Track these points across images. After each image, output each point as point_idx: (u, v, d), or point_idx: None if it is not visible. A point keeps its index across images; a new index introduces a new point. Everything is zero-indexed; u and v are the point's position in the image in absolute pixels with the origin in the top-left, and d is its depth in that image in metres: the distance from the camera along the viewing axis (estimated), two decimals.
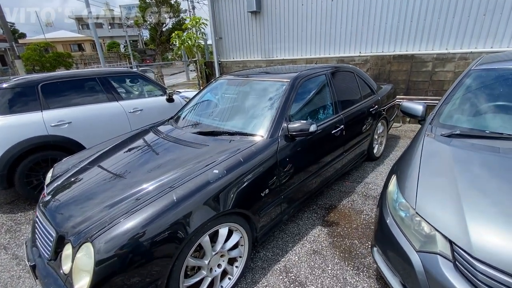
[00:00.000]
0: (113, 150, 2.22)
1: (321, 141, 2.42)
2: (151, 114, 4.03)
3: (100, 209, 1.47)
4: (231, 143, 1.96)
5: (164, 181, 1.57)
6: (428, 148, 1.72)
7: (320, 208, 2.68)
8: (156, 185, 1.56)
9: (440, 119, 1.98)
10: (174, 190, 1.48)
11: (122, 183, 1.69)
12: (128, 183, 1.66)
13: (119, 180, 1.75)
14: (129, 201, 1.46)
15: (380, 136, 3.75)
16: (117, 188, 1.64)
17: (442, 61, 5.47)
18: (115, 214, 1.40)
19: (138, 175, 1.74)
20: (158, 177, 1.64)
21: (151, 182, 1.60)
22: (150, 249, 1.31)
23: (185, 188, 1.49)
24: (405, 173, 1.63)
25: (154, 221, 1.34)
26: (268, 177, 1.88)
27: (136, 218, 1.33)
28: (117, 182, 1.71)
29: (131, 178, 1.73)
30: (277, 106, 2.15)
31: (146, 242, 1.30)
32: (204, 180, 1.55)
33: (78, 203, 1.62)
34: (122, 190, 1.58)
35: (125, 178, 1.75)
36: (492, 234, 1.13)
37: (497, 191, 1.28)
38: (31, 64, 15.12)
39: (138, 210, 1.37)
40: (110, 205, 1.49)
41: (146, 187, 1.56)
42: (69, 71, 3.67)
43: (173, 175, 1.62)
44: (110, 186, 1.69)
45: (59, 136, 3.21)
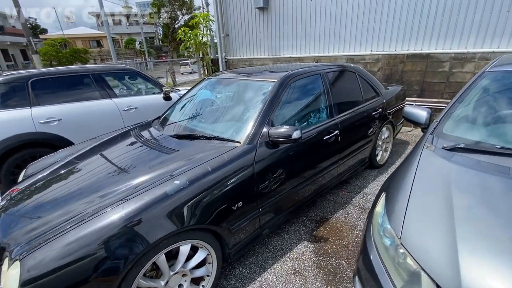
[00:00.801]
0: (84, 154, 2.09)
1: (311, 148, 2.19)
2: (146, 112, 3.91)
3: (45, 222, 1.34)
4: (204, 149, 1.78)
5: (118, 192, 1.42)
6: (425, 163, 1.47)
7: (310, 220, 2.45)
8: (108, 197, 1.41)
9: (444, 128, 1.71)
10: (124, 204, 1.32)
11: (78, 194, 1.54)
12: (85, 194, 1.52)
13: (77, 190, 1.60)
14: (75, 215, 1.32)
15: (385, 142, 3.46)
16: (71, 200, 1.50)
17: (461, 61, 5.04)
18: (56, 229, 1.26)
19: (97, 185, 1.59)
20: (114, 187, 1.49)
21: (104, 193, 1.45)
22: (88, 270, 1.16)
23: (138, 201, 1.33)
24: (395, 193, 1.40)
25: (95, 238, 1.19)
26: (242, 188, 1.69)
27: (74, 236, 1.19)
28: (74, 193, 1.57)
29: (89, 188, 1.58)
30: (259, 109, 1.95)
31: (84, 262, 1.15)
32: (162, 192, 1.38)
33: (31, 211, 1.50)
34: (74, 202, 1.44)
35: (83, 188, 1.60)
36: (486, 280, 0.89)
37: (502, 226, 1.03)
38: (48, 59, 15.59)
39: (79, 226, 1.23)
40: (57, 217, 1.35)
41: (98, 200, 1.41)
42: (63, 67, 3.62)
43: (130, 185, 1.46)
44: (65, 197, 1.55)
45: (48, 133, 3.16)
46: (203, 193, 1.49)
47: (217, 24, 7.49)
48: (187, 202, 1.42)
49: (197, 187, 1.47)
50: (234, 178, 1.64)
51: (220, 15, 7.63)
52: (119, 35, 40.15)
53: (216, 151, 1.71)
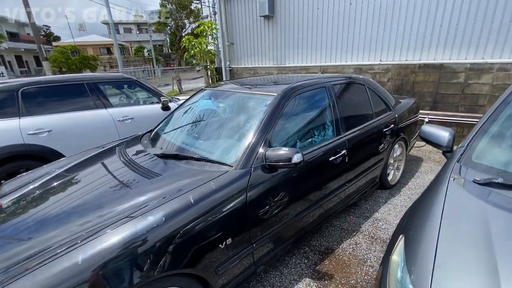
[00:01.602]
0: (64, 173, 1.88)
1: (315, 170, 1.94)
2: (143, 123, 3.72)
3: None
4: (190, 173, 1.54)
5: (73, 231, 1.19)
6: (454, 201, 1.20)
7: (313, 252, 2.17)
8: (69, 235, 1.18)
9: (474, 155, 1.43)
10: (85, 246, 1.09)
11: (44, 225, 1.33)
12: (43, 229, 1.29)
13: (38, 224, 1.37)
14: (24, 258, 1.09)
15: (397, 160, 3.17)
16: (34, 232, 1.28)
17: (477, 72, 4.74)
18: (8, 272, 1.03)
19: (67, 217, 1.36)
20: (80, 221, 1.26)
21: (58, 232, 1.22)
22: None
23: (100, 243, 1.10)
24: (417, 238, 1.12)
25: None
26: (232, 222, 1.45)
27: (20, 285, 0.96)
28: (32, 227, 1.33)
29: (58, 219, 1.36)
30: (255, 127, 1.71)
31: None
32: (130, 232, 1.15)
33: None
34: (29, 240, 1.22)
35: (45, 221, 1.37)
36: None
37: None
38: (58, 66, 15.84)
39: (26, 275, 1.00)
40: (15, 255, 1.13)
41: (60, 238, 1.18)
42: (57, 76, 3.48)
43: (92, 221, 1.23)
44: (31, 228, 1.33)
45: (36, 145, 2.99)
46: (183, 231, 1.24)
47: (221, 32, 7.38)
48: (162, 244, 1.18)
49: (176, 224, 1.23)
50: (223, 210, 1.39)
51: (224, 24, 7.53)
52: (129, 43, 40.98)
53: (202, 177, 1.47)
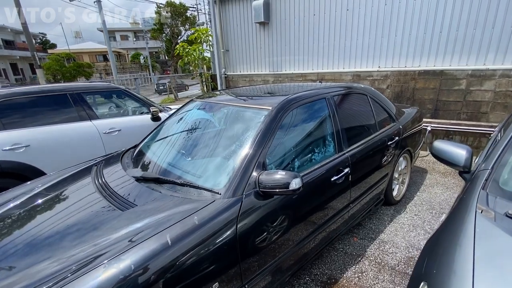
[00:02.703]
0: (33, 198, 1.65)
1: (315, 192, 1.73)
2: (131, 135, 3.50)
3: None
4: (170, 204, 1.32)
5: (41, 276, 0.96)
6: (486, 241, 0.99)
7: (314, 282, 1.94)
8: (27, 280, 0.94)
9: (501, 180, 1.23)
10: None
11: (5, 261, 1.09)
12: (11, 264, 1.06)
13: (6, 254, 1.15)
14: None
15: (401, 173, 2.97)
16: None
17: (479, 79, 4.60)
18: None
19: (29, 254, 1.13)
20: (42, 264, 1.03)
21: (30, 272, 0.99)
22: None
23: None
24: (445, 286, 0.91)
25: None
26: (219, 262, 1.22)
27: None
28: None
29: (19, 256, 1.13)
30: (248, 147, 1.50)
31: None
32: (96, 280, 0.92)
33: None
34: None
35: (14, 253, 1.15)
36: None
37: None
38: (52, 74, 15.60)
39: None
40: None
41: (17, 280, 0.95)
42: (36, 86, 3.26)
43: (57, 266, 1.00)
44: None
45: (12, 162, 2.75)
46: (157, 279, 1.02)
47: (215, 39, 7.23)
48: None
49: (147, 274, 1.00)
50: (207, 248, 1.17)
51: (219, 30, 7.39)
52: (125, 50, 40.94)
53: (184, 210, 1.25)
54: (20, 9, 13.21)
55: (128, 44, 42.42)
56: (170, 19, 23.19)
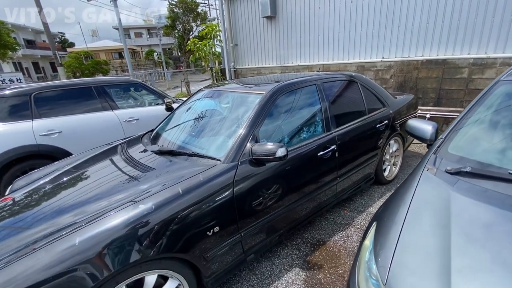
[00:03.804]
0: (72, 170, 2.04)
1: (303, 165, 2.02)
2: (148, 123, 3.89)
3: (7, 245, 1.27)
4: (181, 167, 1.67)
5: (79, 216, 1.33)
6: (423, 189, 1.27)
7: (304, 243, 2.26)
8: (67, 221, 1.32)
9: (449, 147, 1.48)
10: (82, 229, 1.22)
11: (43, 217, 1.47)
12: (48, 217, 1.44)
13: (52, 208, 1.54)
14: (33, 241, 1.24)
15: (393, 155, 3.20)
16: (34, 223, 1.42)
17: (481, 67, 4.67)
18: (13, 255, 1.18)
19: (70, 205, 1.51)
20: (77, 209, 1.40)
21: (66, 217, 1.36)
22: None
23: (95, 227, 1.23)
24: (386, 224, 1.20)
25: (45, 268, 1.09)
26: (220, 211, 1.55)
27: (23, 265, 1.10)
28: (41, 215, 1.49)
29: (63, 207, 1.51)
30: (243, 124, 1.82)
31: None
32: (124, 218, 1.28)
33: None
34: (37, 226, 1.37)
35: (52, 210, 1.52)
36: None
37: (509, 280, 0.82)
38: (72, 71, 16.44)
39: (33, 253, 1.14)
40: (21, 239, 1.28)
41: (59, 223, 1.32)
42: (66, 81, 3.69)
43: (92, 210, 1.37)
44: (38, 216, 1.48)
45: (48, 146, 3.20)
46: (172, 219, 1.36)
47: (224, 34, 7.53)
48: (153, 229, 1.30)
49: (165, 212, 1.35)
50: (210, 200, 1.50)
51: (228, 25, 7.67)
52: (140, 47, 41.93)
53: (191, 171, 1.59)
54: (41, 10, 13.95)
55: (142, 41, 43.37)
56: (181, 15, 23.60)
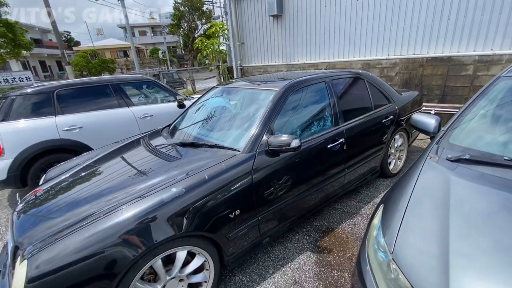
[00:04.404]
0: (100, 160, 2.23)
1: (314, 156, 2.17)
2: (161, 120, 4.07)
3: (57, 222, 1.44)
4: (204, 157, 1.83)
5: (116, 200, 1.50)
6: (426, 175, 1.41)
7: (314, 230, 2.41)
8: (111, 202, 1.49)
9: (451, 138, 1.62)
10: (122, 209, 1.39)
11: (89, 197, 1.65)
12: (94, 197, 1.62)
13: (88, 192, 1.72)
14: (79, 220, 1.41)
15: (398, 150, 3.33)
16: (82, 202, 1.60)
17: (486, 64, 4.75)
18: (64, 230, 1.35)
19: (106, 189, 1.69)
20: (119, 193, 1.57)
21: (110, 198, 1.53)
22: (87, 271, 1.23)
23: (135, 208, 1.40)
24: (392, 205, 1.35)
25: (94, 242, 1.26)
26: (240, 197, 1.71)
27: (76, 238, 1.27)
28: (86, 195, 1.67)
29: (99, 192, 1.68)
30: (259, 118, 1.97)
31: (84, 263, 1.23)
32: (158, 199, 1.44)
33: (44, 213, 1.63)
34: (80, 207, 1.54)
35: (95, 191, 1.72)
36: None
37: (499, 249, 0.96)
38: (79, 70, 16.72)
39: (81, 229, 1.31)
40: (68, 218, 1.45)
41: (101, 205, 1.49)
42: (85, 79, 3.88)
43: (131, 192, 1.54)
44: (77, 199, 1.66)
45: (70, 140, 3.39)
46: (199, 201, 1.53)
47: (231, 32, 7.66)
48: (183, 210, 1.47)
49: (193, 195, 1.52)
50: (232, 186, 1.66)
51: (235, 24, 7.80)
52: (144, 45, 42.20)
53: (214, 159, 1.75)
54: (50, 9, 14.19)
55: (147, 39, 43.64)
56: (187, 14, 23.79)
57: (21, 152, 3.10)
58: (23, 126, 3.17)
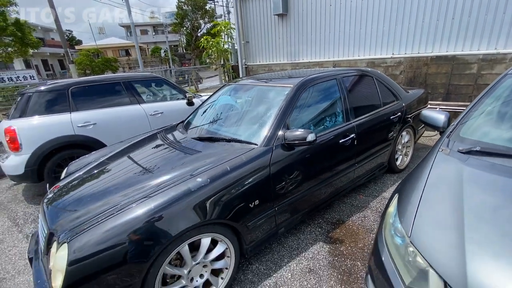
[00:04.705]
0: (120, 153, 2.32)
1: (326, 150, 2.26)
2: (171, 117, 4.16)
3: (89, 210, 1.53)
4: (224, 150, 1.91)
5: (146, 188, 1.58)
6: (439, 166, 1.49)
7: (326, 223, 2.50)
8: (139, 191, 1.57)
9: (461, 132, 1.70)
10: (153, 198, 1.48)
11: (115, 187, 1.73)
12: (121, 187, 1.70)
13: (115, 183, 1.80)
14: (112, 207, 1.49)
15: (405, 146, 3.41)
16: (110, 191, 1.69)
17: (490, 63, 4.82)
18: (97, 217, 1.44)
19: (132, 180, 1.78)
20: (145, 183, 1.66)
21: (137, 188, 1.62)
22: (123, 255, 1.32)
23: (165, 196, 1.48)
24: (407, 194, 1.43)
25: (128, 228, 1.35)
26: (259, 187, 1.80)
27: (111, 224, 1.36)
28: (112, 186, 1.76)
29: (125, 182, 1.77)
30: (275, 113, 2.05)
31: (119, 248, 1.31)
32: (185, 188, 1.53)
33: (75, 202, 1.71)
34: (113, 194, 1.63)
35: (120, 182, 1.80)
36: (492, 278, 0.92)
37: (510, 228, 1.05)
38: (83, 68, 16.81)
39: (114, 216, 1.40)
40: (100, 206, 1.54)
41: (131, 193, 1.58)
42: (98, 76, 3.97)
43: (158, 182, 1.62)
44: (102, 191, 1.74)
45: (84, 136, 3.48)
46: (222, 191, 1.61)
47: (237, 31, 7.74)
48: (208, 198, 1.56)
49: (217, 185, 1.60)
50: (251, 177, 1.75)
51: (240, 23, 7.88)
52: (145, 44, 42.26)
53: (234, 152, 1.84)
54: (54, 10, 14.26)
55: (148, 38, 43.67)
56: (190, 13, 23.89)
57: (38, 147, 3.19)
58: (40, 122, 3.26)
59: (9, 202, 3.49)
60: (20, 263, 2.31)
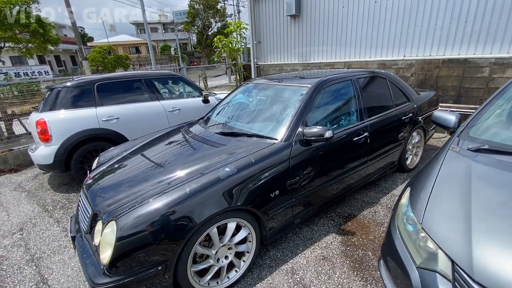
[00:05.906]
0: (148, 144, 2.51)
1: (341, 147, 2.39)
2: (188, 113, 4.34)
3: (129, 194, 1.71)
4: (247, 144, 2.07)
5: (181, 175, 1.75)
6: (449, 162, 1.61)
7: (338, 216, 2.63)
8: (173, 178, 1.75)
9: (471, 131, 1.82)
10: (188, 184, 1.64)
11: (149, 174, 1.91)
12: (155, 174, 1.88)
13: (148, 170, 1.98)
14: (150, 191, 1.67)
15: (415, 146, 3.51)
16: (145, 178, 1.87)
17: (502, 66, 4.86)
18: (139, 199, 1.61)
19: (164, 168, 1.95)
20: (177, 171, 1.83)
21: (171, 175, 1.79)
22: (162, 233, 1.49)
23: (198, 182, 1.65)
24: (419, 187, 1.56)
25: (167, 209, 1.52)
26: (279, 179, 1.95)
27: (152, 206, 1.53)
28: (146, 173, 1.94)
29: (158, 170, 1.95)
30: (295, 111, 2.20)
31: (159, 226, 1.48)
32: (215, 176, 1.69)
33: (113, 187, 1.90)
34: (149, 180, 1.81)
35: (153, 169, 1.98)
36: (495, 258, 1.05)
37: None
38: (95, 65, 17.21)
39: (155, 199, 1.57)
40: (139, 190, 1.72)
41: (166, 179, 1.75)
42: (120, 73, 4.17)
43: (190, 170, 1.79)
44: (141, 175, 1.92)
45: (108, 130, 3.68)
46: (247, 180, 1.77)
47: (250, 31, 7.89)
48: (235, 186, 1.72)
49: (243, 175, 1.76)
50: (273, 169, 1.90)
51: (253, 23, 8.02)
52: (155, 42, 42.78)
53: (257, 146, 1.99)
54: (69, 8, 14.64)
55: (158, 36, 44.18)
56: (202, 12, 24.18)
57: (67, 139, 3.41)
58: (68, 116, 3.47)
59: (36, 190, 3.72)
60: (54, 244, 2.51)
